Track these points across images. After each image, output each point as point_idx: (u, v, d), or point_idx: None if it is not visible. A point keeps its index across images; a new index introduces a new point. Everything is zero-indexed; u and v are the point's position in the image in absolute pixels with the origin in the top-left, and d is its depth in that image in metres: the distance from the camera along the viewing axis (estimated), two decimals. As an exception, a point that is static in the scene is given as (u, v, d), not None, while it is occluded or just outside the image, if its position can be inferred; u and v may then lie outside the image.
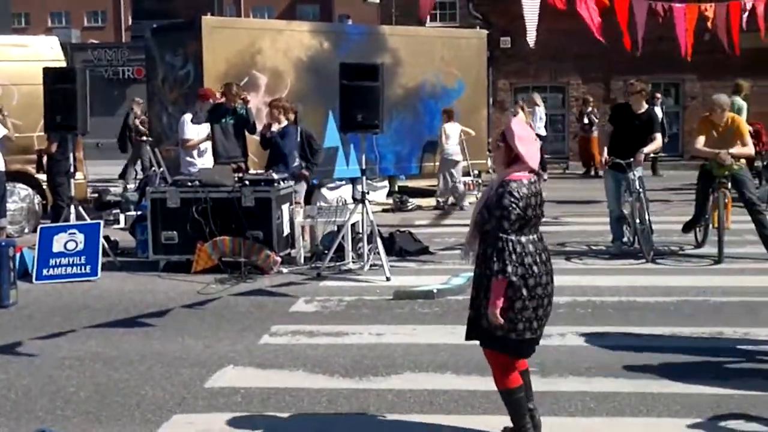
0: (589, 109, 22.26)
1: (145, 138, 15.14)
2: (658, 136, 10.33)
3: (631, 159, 10.02)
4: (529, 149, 4.51)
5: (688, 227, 10.61)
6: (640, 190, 10.09)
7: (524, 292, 4.43)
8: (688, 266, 9.73)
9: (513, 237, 4.39)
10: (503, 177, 4.52)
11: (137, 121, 19.11)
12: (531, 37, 11.73)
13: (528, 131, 4.64)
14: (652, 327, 7.06)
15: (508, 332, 4.47)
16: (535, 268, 4.46)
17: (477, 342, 4.74)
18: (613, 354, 6.33)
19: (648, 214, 10.12)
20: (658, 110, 21.25)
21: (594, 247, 10.95)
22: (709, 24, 13.67)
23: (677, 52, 13.74)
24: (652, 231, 10.19)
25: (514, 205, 4.38)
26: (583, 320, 7.35)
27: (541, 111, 20.50)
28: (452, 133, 15.51)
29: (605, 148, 10.50)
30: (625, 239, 10.54)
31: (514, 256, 4.38)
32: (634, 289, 8.45)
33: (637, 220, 10.06)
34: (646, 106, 10.45)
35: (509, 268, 4.36)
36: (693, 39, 13.20)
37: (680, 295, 8.18)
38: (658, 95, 22.26)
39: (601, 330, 6.99)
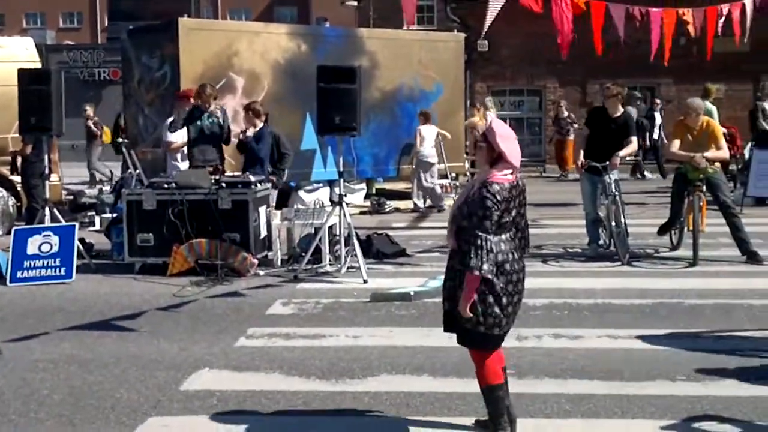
0: (565, 113, 22.36)
1: (120, 139, 15.06)
2: (634, 139, 10.40)
3: (607, 162, 10.08)
4: (511, 147, 4.58)
5: (663, 230, 10.67)
6: (616, 193, 10.15)
7: (497, 288, 4.52)
8: (663, 269, 9.80)
9: (492, 237, 4.44)
10: (486, 177, 4.57)
11: (90, 123, 19.46)
12: (486, 24, 11.71)
13: (508, 130, 4.69)
14: (627, 329, 7.09)
15: (477, 325, 4.57)
16: (507, 266, 4.54)
17: (454, 343, 4.82)
18: (588, 356, 6.36)
19: (624, 217, 10.18)
20: (656, 115, 21.53)
21: (570, 250, 10.99)
22: (690, 28, 13.78)
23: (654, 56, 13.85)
24: (628, 234, 10.27)
25: (495, 207, 4.45)
26: (560, 322, 7.37)
27: (492, 116, 20.47)
28: (428, 136, 15.54)
29: (581, 151, 10.55)
30: (601, 242, 10.59)
31: (491, 255, 4.44)
32: (610, 292, 8.49)
33: (613, 223, 10.11)
34: (621, 109, 10.51)
35: (485, 266, 4.43)
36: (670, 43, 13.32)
37: (656, 297, 8.23)
38: (657, 101, 22.53)
39: (577, 332, 7.01)
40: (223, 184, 9.81)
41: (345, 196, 10.04)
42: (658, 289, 8.58)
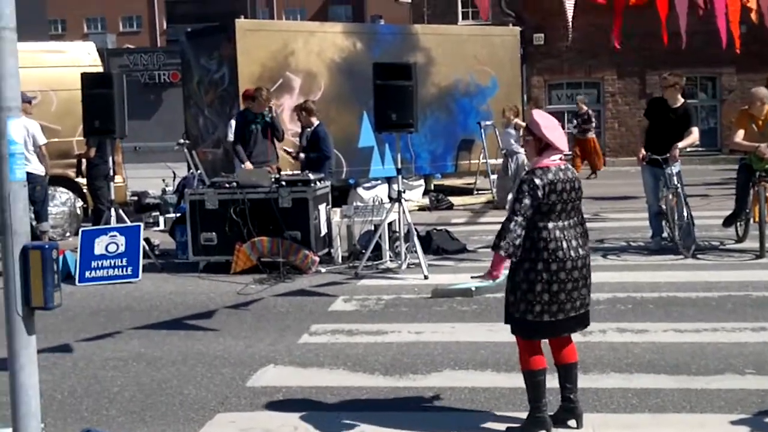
0: (584, 109, 20.96)
1: (182, 140, 15.28)
2: (695, 129, 10.18)
3: (667, 155, 9.93)
4: (555, 134, 4.70)
5: (728, 222, 10.48)
6: (678, 185, 10.00)
7: (545, 275, 4.58)
8: (729, 261, 9.63)
9: (519, 219, 4.56)
10: (533, 165, 4.73)
11: None
12: (569, 32, 11.66)
13: (550, 119, 4.81)
14: (693, 322, 7.00)
15: (525, 313, 4.64)
16: (560, 253, 4.58)
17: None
18: (654, 350, 6.28)
19: (688, 209, 10.01)
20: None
21: (633, 243, 10.87)
22: (753, 15, 13.49)
23: (714, 46, 13.59)
24: (694, 225, 10.06)
25: (531, 192, 4.57)
26: (624, 316, 7.30)
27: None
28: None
29: (642, 143, 10.42)
30: (665, 235, 10.45)
31: (511, 235, 4.56)
32: (674, 285, 8.38)
33: (676, 216, 9.96)
34: (682, 99, 10.33)
35: (502, 243, 4.58)
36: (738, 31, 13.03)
37: (722, 290, 8.10)
38: None
39: (642, 326, 6.94)
40: (283, 183, 9.91)
41: (403, 192, 10.06)
42: (725, 282, 8.44)
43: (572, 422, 4.81)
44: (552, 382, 4.84)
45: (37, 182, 10.78)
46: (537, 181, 4.57)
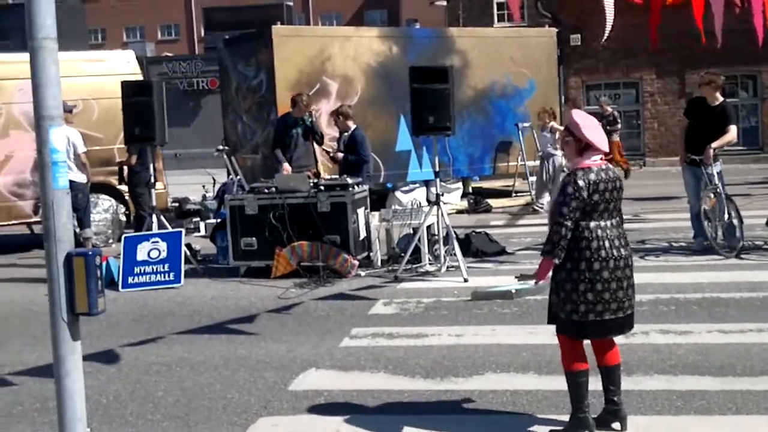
0: (609, 110, 20.67)
1: (221, 147, 15.41)
2: (732, 128, 9.97)
3: (704, 156, 9.79)
4: (595, 134, 4.67)
5: (772, 221, 10.33)
6: (719, 184, 9.87)
7: (588, 275, 4.56)
8: (773, 261, 9.49)
9: (569, 223, 4.53)
10: (574, 167, 4.68)
11: None
12: (606, 31, 11.58)
13: (590, 118, 4.77)
14: (738, 323, 6.90)
15: (571, 313, 4.63)
16: (602, 252, 4.56)
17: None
18: (698, 351, 6.21)
19: (733, 209, 9.87)
20: None
21: (675, 244, 10.75)
22: None
23: (753, 44, 13.41)
24: (742, 222, 9.89)
25: (576, 194, 4.54)
26: (667, 317, 7.23)
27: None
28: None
29: (682, 143, 10.30)
30: (708, 235, 10.31)
31: (563, 242, 4.53)
32: (718, 285, 8.28)
33: (719, 216, 9.83)
34: (720, 98, 10.17)
35: (557, 251, 4.55)
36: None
37: (766, 290, 7.98)
38: None
39: (685, 327, 6.87)
40: (322, 187, 9.95)
41: (442, 195, 10.05)
42: (769, 282, 8.32)
43: (616, 425, 4.77)
44: (595, 384, 4.81)
45: (79, 190, 10.93)
46: (580, 182, 4.55)
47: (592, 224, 4.59)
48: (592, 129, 4.68)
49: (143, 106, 10.31)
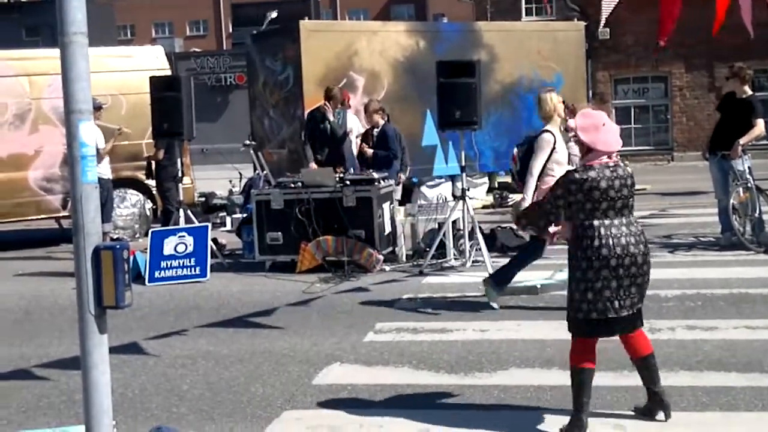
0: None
1: (248, 141, 15.46)
2: (759, 122, 9.84)
3: (732, 151, 9.68)
4: (595, 136, 4.64)
5: (801, 216, 10.20)
6: (750, 179, 9.77)
7: (589, 273, 4.57)
8: (803, 257, 9.39)
9: (548, 207, 4.75)
10: (580, 164, 4.77)
11: None
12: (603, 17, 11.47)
13: (592, 119, 4.73)
14: (765, 319, 6.83)
15: (577, 312, 4.66)
16: (603, 251, 4.56)
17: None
18: (725, 347, 6.16)
19: (760, 204, 9.76)
20: None
21: (702, 239, 10.66)
22: None
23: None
24: None
25: (562, 190, 4.65)
26: (693, 313, 7.17)
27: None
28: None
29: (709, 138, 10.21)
30: (736, 230, 10.21)
31: (533, 213, 4.90)
32: (746, 281, 8.20)
33: (749, 211, 9.73)
34: (749, 91, 10.01)
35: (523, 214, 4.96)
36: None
37: (795, 286, 7.90)
38: None
39: (712, 323, 6.81)
40: (348, 182, 9.96)
41: (467, 190, 10.03)
42: (798, 278, 8.24)
43: (660, 415, 4.78)
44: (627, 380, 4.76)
45: (101, 184, 11.01)
46: (576, 175, 4.61)
47: (596, 222, 4.57)
48: (591, 131, 4.65)
49: (171, 101, 10.37)
